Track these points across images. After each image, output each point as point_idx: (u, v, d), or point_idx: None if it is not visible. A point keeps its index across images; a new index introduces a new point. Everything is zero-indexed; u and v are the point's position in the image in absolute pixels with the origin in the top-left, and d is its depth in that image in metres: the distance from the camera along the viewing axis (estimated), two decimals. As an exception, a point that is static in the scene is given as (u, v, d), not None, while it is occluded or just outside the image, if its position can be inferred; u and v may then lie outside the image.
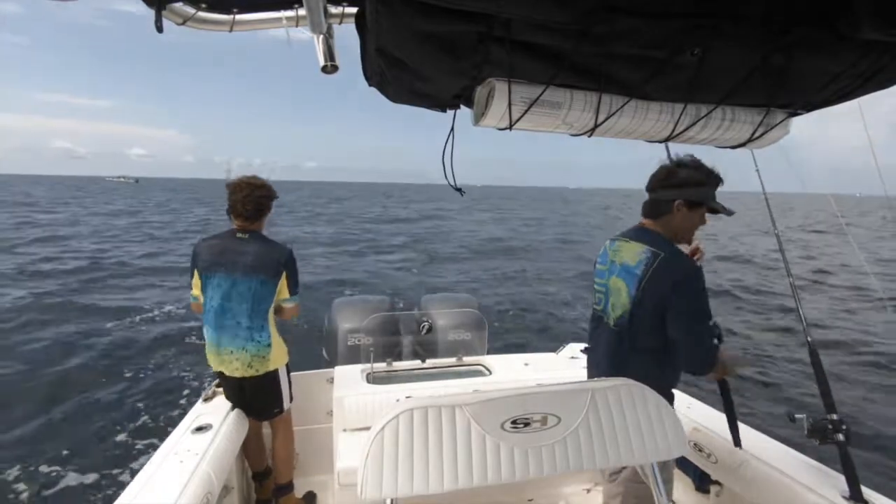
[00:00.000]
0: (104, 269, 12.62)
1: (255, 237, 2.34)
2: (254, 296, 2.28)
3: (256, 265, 2.28)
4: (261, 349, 2.29)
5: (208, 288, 2.29)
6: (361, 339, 3.22)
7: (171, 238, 19.77)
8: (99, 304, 9.12)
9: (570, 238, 22.77)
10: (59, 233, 19.86)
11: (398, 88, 1.12)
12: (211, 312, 2.28)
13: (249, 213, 2.31)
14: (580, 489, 2.50)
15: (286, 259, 2.36)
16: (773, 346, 7.68)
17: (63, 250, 15.22)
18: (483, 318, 3.36)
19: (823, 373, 1.73)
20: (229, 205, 2.33)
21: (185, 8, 0.95)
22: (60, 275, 11.57)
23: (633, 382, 1.26)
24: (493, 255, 16.64)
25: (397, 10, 0.81)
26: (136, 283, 11.13)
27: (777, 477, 1.73)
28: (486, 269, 13.66)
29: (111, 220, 26.76)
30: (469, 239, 21.25)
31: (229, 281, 2.26)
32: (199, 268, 2.30)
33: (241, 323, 2.27)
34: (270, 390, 2.38)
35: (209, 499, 1.71)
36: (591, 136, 1.14)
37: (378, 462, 1.05)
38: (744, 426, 2.12)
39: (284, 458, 2.45)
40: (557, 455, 1.14)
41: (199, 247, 2.33)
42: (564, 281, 12.35)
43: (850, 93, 1.04)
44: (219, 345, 2.27)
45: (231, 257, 2.27)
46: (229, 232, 2.35)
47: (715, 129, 1.13)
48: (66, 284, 10.61)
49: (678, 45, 0.88)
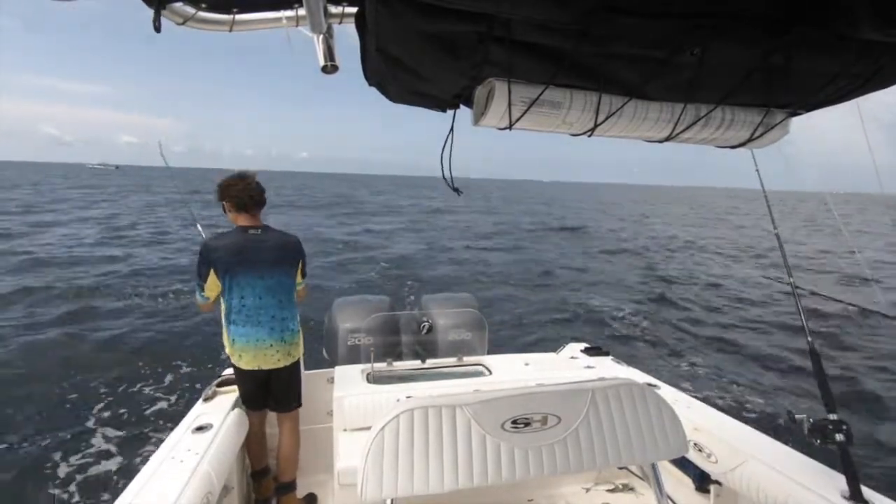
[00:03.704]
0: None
1: (267, 231, 2.39)
2: (283, 287, 2.37)
3: (280, 258, 2.36)
4: (294, 336, 2.42)
5: (234, 288, 2.30)
6: (362, 338, 3.22)
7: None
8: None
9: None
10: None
11: (398, 88, 1.12)
12: (244, 311, 2.31)
13: (255, 205, 2.35)
14: (580, 489, 2.51)
15: (300, 246, 2.48)
16: (773, 346, 7.68)
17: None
18: (483, 318, 3.36)
19: (823, 373, 1.73)
20: (233, 202, 2.32)
21: (184, 8, 0.95)
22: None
23: (633, 382, 1.26)
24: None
25: (397, 9, 0.81)
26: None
27: (777, 477, 1.73)
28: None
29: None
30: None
31: (257, 278, 2.30)
32: (219, 269, 2.28)
33: (276, 316, 2.35)
34: (296, 379, 2.49)
35: (209, 498, 1.71)
36: (591, 135, 1.14)
37: (378, 462, 1.05)
38: (744, 426, 2.13)
39: (289, 454, 2.46)
40: (558, 455, 1.14)
41: (212, 248, 2.29)
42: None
43: (850, 93, 1.05)
44: (258, 340, 2.31)
45: (253, 255, 2.30)
46: (240, 229, 2.35)
47: (714, 128, 1.13)
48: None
49: (678, 44, 0.89)
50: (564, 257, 15.88)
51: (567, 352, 3.12)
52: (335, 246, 16.42)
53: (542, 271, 13.40)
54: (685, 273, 13.27)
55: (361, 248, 16.23)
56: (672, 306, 10.14)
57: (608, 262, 14.99)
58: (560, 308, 9.71)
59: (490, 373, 2.75)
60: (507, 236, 21.17)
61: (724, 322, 9.23)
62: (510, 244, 18.74)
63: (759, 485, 1.77)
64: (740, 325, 8.94)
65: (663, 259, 15.96)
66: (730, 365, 6.92)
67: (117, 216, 23.19)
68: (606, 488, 2.48)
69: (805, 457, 1.84)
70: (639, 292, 11.18)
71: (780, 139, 1.20)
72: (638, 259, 15.88)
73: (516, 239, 20.32)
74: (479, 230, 22.99)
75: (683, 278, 12.85)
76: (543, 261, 15.06)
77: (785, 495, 1.67)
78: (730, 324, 9.02)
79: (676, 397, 2.44)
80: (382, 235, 19.80)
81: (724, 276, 12.99)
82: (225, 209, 2.38)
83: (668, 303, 10.41)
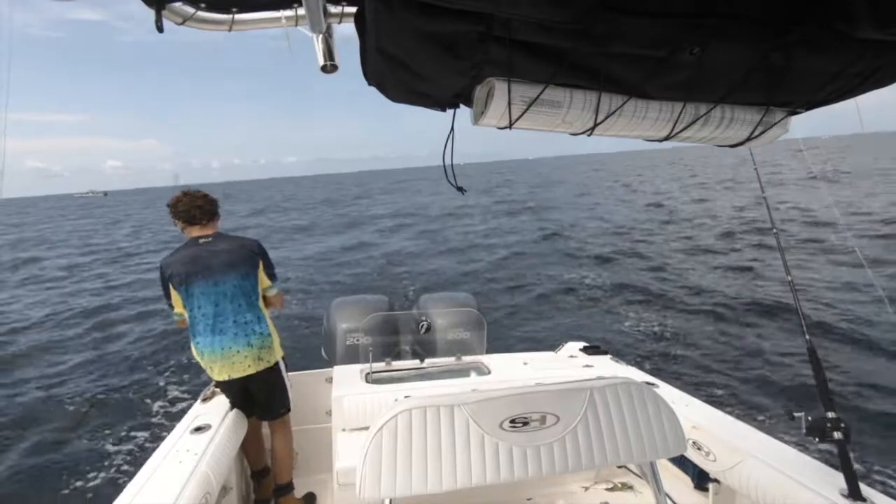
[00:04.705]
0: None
1: (219, 238, 2.36)
2: (241, 291, 2.29)
3: (233, 261, 2.29)
4: (264, 339, 2.33)
5: (191, 299, 2.26)
6: (360, 338, 3.22)
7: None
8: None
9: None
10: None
11: (398, 88, 1.12)
12: (203, 321, 2.25)
13: (204, 215, 2.34)
14: (579, 488, 2.51)
15: (257, 247, 2.39)
16: (771, 344, 7.70)
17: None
18: (482, 318, 3.36)
19: (822, 371, 1.73)
20: (181, 217, 2.34)
21: (184, 8, 0.95)
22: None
23: (631, 381, 1.26)
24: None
25: (397, 9, 0.81)
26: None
27: (775, 475, 1.73)
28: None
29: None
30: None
31: (211, 285, 2.24)
32: (175, 283, 2.26)
33: (238, 321, 2.27)
34: (277, 385, 2.41)
35: (208, 499, 1.70)
36: (591, 134, 1.14)
37: (377, 462, 1.05)
38: (743, 424, 2.13)
39: (284, 457, 2.45)
40: (556, 454, 1.14)
41: (167, 264, 2.30)
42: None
43: (849, 92, 1.05)
44: (223, 349, 2.26)
45: (204, 262, 2.26)
46: (191, 241, 2.34)
47: (714, 127, 1.13)
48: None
49: (678, 44, 0.89)
50: (545, 263, 15.87)
51: (566, 351, 3.12)
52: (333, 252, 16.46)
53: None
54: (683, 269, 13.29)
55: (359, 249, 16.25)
56: (671, 306, 10.16)
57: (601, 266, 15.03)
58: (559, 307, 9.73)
59: (489, 372, 2.75)
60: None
61: (722, 320, 9.25)
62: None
63: (758, 483, 1.77)
64: (738, 323, 8.95)
65: (654, 243, 15.99)
66: (728, 363, 6.93)
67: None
68: (605, 487, 2.49)
69: (803, 455, 1.84)
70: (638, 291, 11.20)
71: (779, 138, 1.20)
72: (626, 244, 15.91)
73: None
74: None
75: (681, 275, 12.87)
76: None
77: (783, 493, 1.67)
78: (728, 321, 9.04)
79: (675, 396, 2.45)
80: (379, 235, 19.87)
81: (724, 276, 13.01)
82: (180, 227, 2.40)
83: (667, 301, 10.43)
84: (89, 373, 6.05)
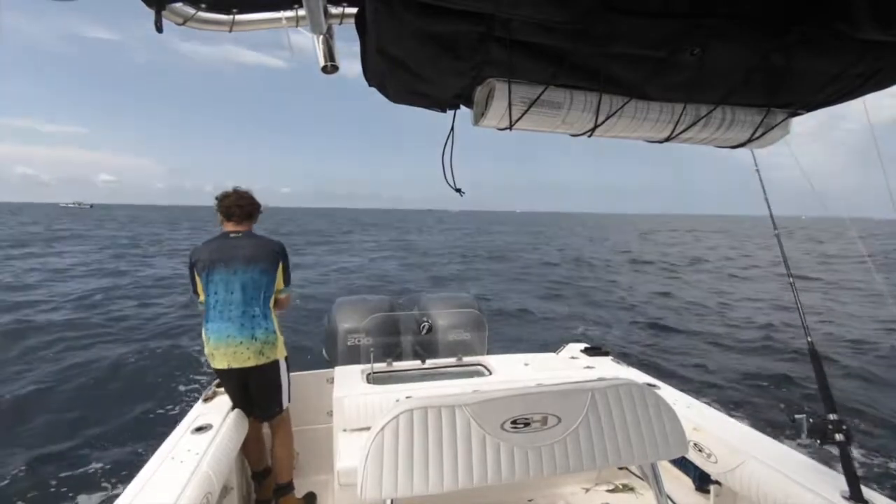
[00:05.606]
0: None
1: (247, 234, 2.47)
2: (256, 285, 2.38)
3: (255, 255, 2.39)
4: (269, 335, 2.39)
5: (210, 285, 2.36)
6: (361, 339, 3.22)
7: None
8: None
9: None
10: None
11: (398, 88, 1.12)
12: (216, 307, 2.34)
13: (241, 214, 2.46)
14: (580, 489, 2.50)
15: (281, 249, 2.50)
16: (773, 346, 7.68)
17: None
18: (483, 318, 3.36)
19: (823, 373, 1.72)
20: (222, 211, 2.47)
21: (184, 8, 0.95)
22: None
23: (633, 382, 1.25)
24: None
25: (397, 10, 0.81)
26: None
27: (777, 477, 1.73)
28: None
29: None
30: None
31: (231, 274, 2.34)
32: (198, 269, 2.37)
33: (247, 312, 2.35)
34: (274, 383, 2.44)
35: (209, 499, 1.71)
36: (591, 136, 1.14)
37: (378, 462, 1.05)
38: (744, 426, 2.13)
39: (284, 457, 2.46)
40: (557, 455, 1.14)
41: (195, 252, 2.42)
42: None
43: (850, 93, 1.04)
44: (228, 336, 2.31)
45: (229, 252, 2.37)
46: (223, 234, 2.46)
47: (715, 129, 1.13)
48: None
49: (678, 44, 0.88)
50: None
51: (567, 352, 3.12)
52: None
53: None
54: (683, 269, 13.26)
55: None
56: (671, 306, 10.14)
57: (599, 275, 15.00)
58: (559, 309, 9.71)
59: (490, 373, 2.75)
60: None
61: (723, 321, 9.24)
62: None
63: (759, 485, 1.77)
64: (740, 325, 8.94)
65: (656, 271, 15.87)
66: (729, 365, 6.92)
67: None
68: (606, 488, 2.48)
69: (805, 457, 1.83)
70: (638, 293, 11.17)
71: (780, 139, 1.20)
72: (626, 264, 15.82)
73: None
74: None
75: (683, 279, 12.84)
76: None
77: (784, 495, 1.67)
78: (729, 323, 9.02)
79: (676, 397, 2.44)
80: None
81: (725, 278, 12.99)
82: (218, 220, 2.52)
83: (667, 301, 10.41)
84: (90, 373, 6.07)
